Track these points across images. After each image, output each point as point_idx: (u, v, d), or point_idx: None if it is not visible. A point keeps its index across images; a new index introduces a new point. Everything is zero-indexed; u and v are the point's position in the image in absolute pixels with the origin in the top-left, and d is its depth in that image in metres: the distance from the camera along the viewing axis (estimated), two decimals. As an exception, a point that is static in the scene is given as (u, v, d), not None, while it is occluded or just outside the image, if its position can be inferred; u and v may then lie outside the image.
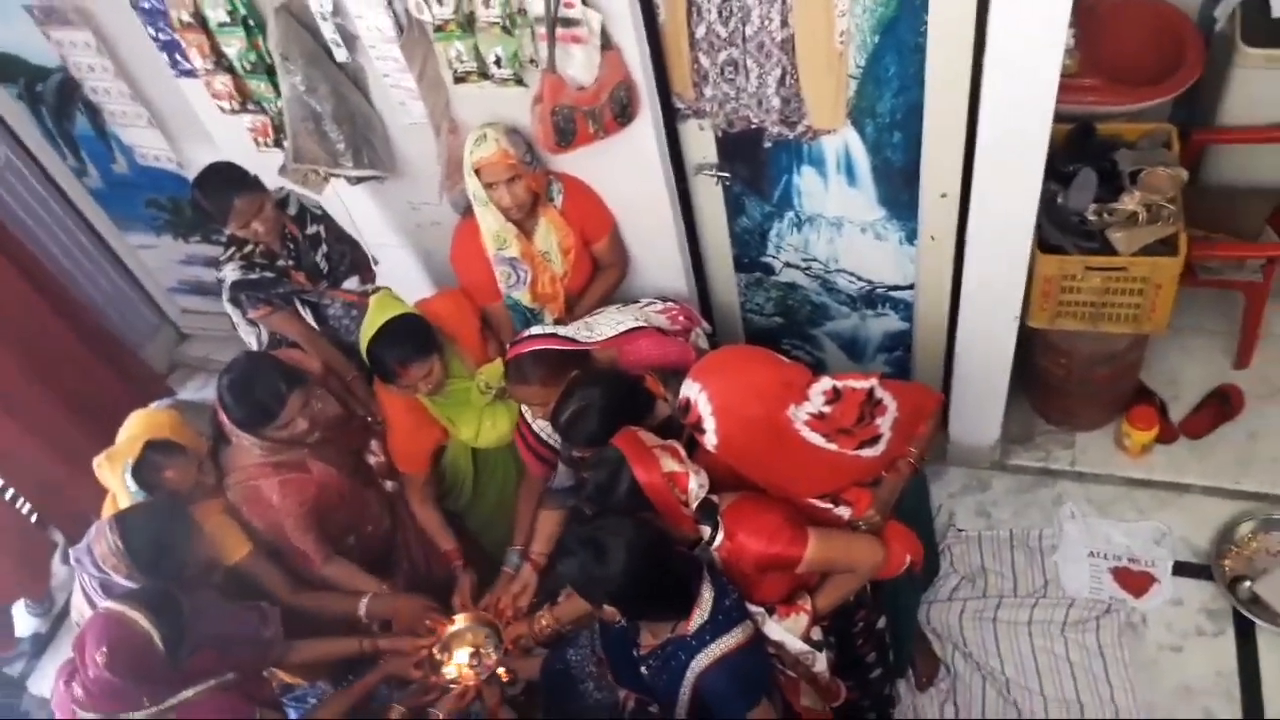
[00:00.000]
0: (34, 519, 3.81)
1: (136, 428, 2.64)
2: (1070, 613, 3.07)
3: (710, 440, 2.18)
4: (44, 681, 3.55)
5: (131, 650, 2.11)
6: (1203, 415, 3.32)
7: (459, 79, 2.56)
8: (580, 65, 2.42)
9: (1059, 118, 2.35)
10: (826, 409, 2.21)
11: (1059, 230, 2.79)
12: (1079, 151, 2.85)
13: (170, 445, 2.54)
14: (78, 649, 2.17)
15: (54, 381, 3.61)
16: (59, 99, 3.66)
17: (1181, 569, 3.08)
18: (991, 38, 2.20)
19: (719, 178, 2.87)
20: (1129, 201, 2.74)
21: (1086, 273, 2.78)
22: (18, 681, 3.35)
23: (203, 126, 3.13)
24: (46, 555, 3.84)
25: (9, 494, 3.71)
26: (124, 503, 2.50)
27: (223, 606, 2.48)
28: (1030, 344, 3.13)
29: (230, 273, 2.84)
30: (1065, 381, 3.22)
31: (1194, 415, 3.33)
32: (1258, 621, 2.91)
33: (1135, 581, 3.08)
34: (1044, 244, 2.78)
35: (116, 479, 2.51)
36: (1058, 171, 2.77)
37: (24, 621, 3.80)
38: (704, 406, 2.17)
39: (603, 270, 2.95)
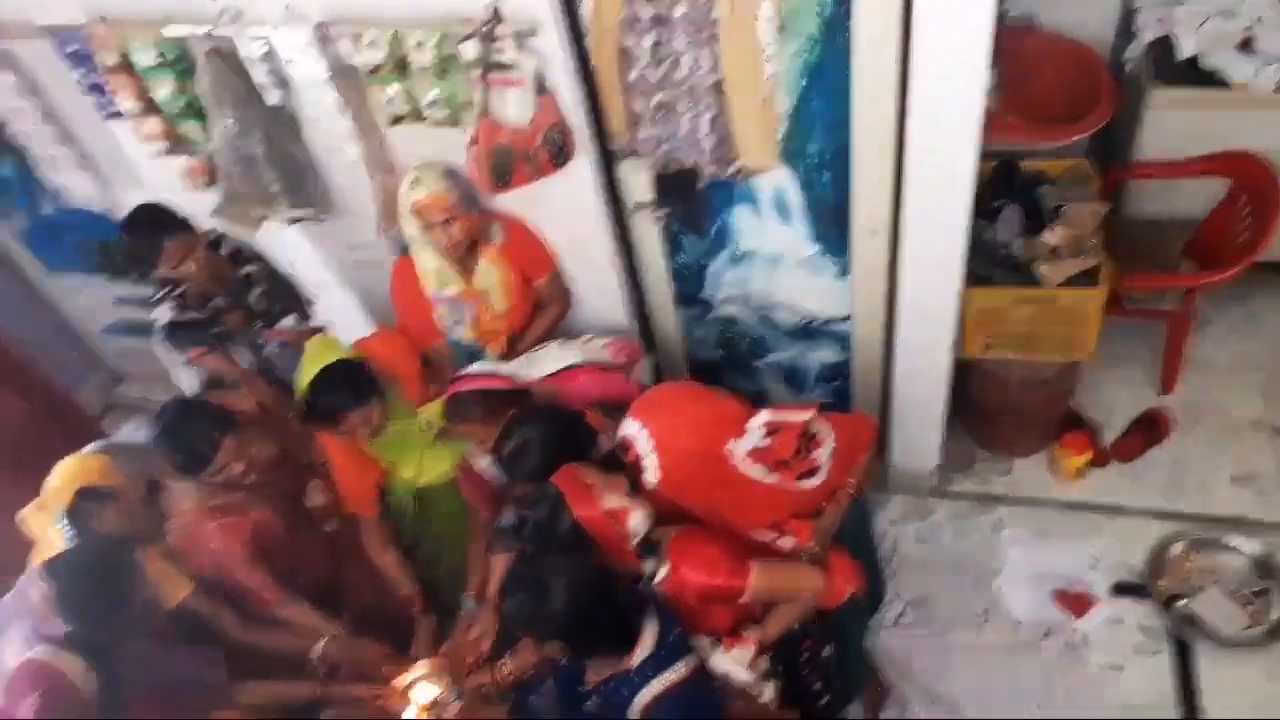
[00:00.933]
0: None
1: (66, 476, 2.58)
2: (1017, 634, 3.10)
3: (650, 477, 2.19)
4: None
5: (62, 698, 2.06)
6: (1132, 439, 3.40)
7: (394, 121, 2.56)
8: (515, 108, 2.44)
9: (984, 155, 2.42)
10: (765, 442, 2.24)
11: (987, 263, 2.86)
12: (1004, 188, 2.93)
13: (101, 492, 2.49)
14: (6, 697, 2.11)
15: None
16: (-20, 144, 3.58)
17: (1121, 589, 3.14)
18: (914, 80, 2.26)
19: (656, 216, 2.90)
20: (1052, 236, 2.82)
21: (1016, 304, 2.85)
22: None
23: (132, 167, 3.08)
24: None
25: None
26: (54, 552, 2.43)
27: (162, 652, 2.42)
28: (965, 373, 3.19)
29: (163, 314, 2.81)
30: (1000, 409, 3.29)
31: (1124, 439, 3.41)
32: (1190, 641, 2.98)
33: (1076, 602, 3.13)
34: (974, 276, 2.85)
35: (44, 530, 2.44)
36: (985, 208, 2.84)
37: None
38: (643, 444, 2.19)
39: (544, 307, 2.96)
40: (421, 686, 2.59)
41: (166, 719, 2.24)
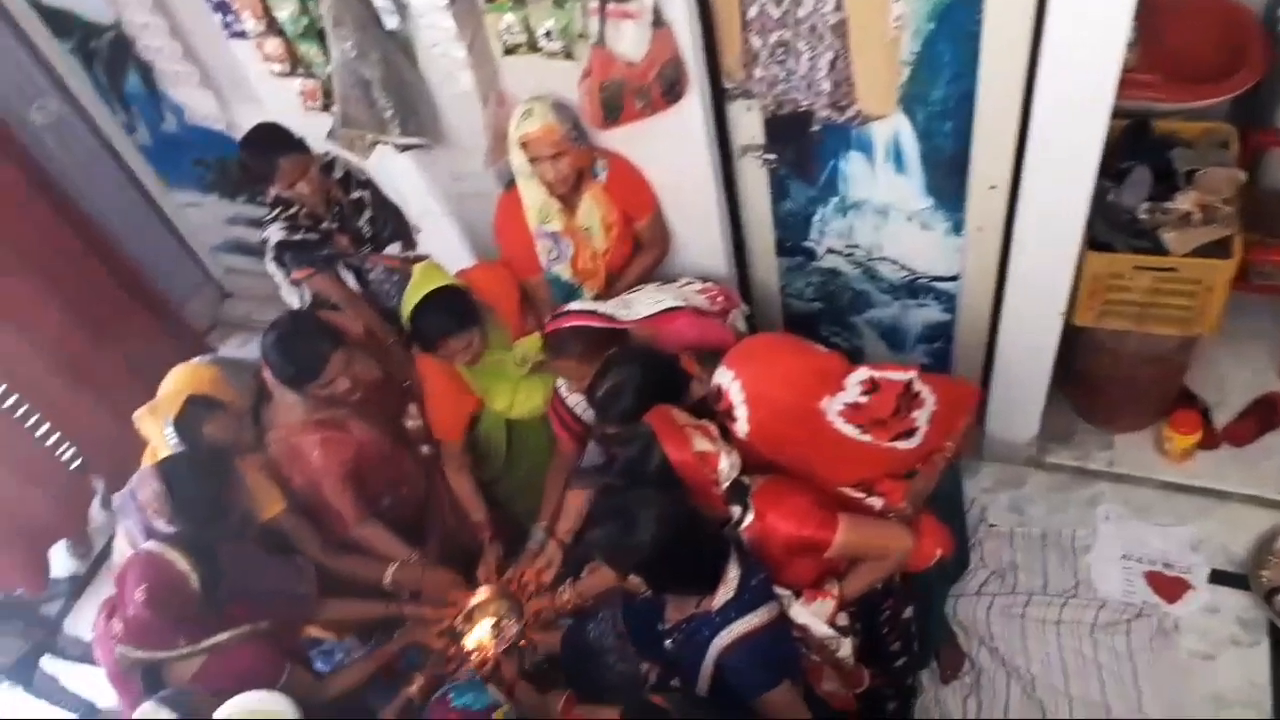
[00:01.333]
0: (76, 465, 3.89)
1: (178, 382, 2.68)
2: (1101, 614, 3.03)
3: (742, 428, 2.18)
4: (80, 622, 3.64)
5: (169, 589, 2.17)
6: (1247, 423, 3.25)
7: (508, 51, 2.56)
8: (630, 41, 2.41)
9: (1115, 113, 2.30)
10: (863, 399, 2.20)
11: (1110, 227, 2.74)
12: (1134, 148, 2.79)
13: (211, 400, 2.58)
14: (119, 585, 2.24)
15: (101, 335, 3.70)
16: (113, 56, 3.70)
17: (1218, 577, 3.03)
18: (1050, 27, 2.15)
19: (765, 160, 2.84)
20: (1183, 201, 2.68)
21: (1136, 272, 2.72)
22: (55, 620, 3.44)
23: (252, 88, 3.15)
24: (86, 500, 3.93)
25: (53, 439, 3.79)
26: (163, 454, 2.55)
27: (261, 558, 2.53)
28: (1074, 341, 3.07)
29: (275, 233, 2.87)
30: (1108, 381, 3.17)
31: (1238, 422, 3.27)
32: (1293, 634, 2.87)
33: (1169, 587, 3.04)
34: (1094, 241, 2.73)
35: (157, 431, 2.55)
36: (1112, 168, 2.71)
37: (62, 563, 3.90)
38: (736, 394, 2.17)
39: (644, 248, 2.95)
40: (483, 610, 2.67)
41: (256, 622, 2.33)
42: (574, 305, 2.61)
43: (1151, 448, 3.30)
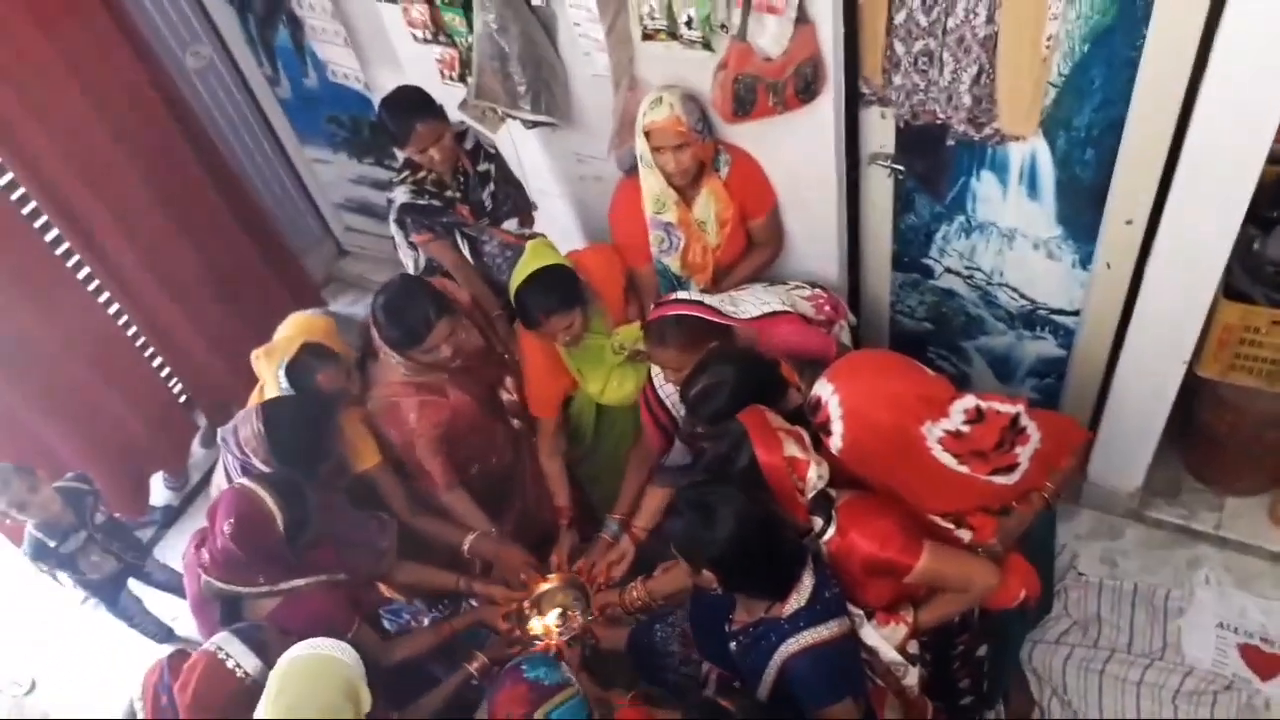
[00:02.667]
0: (182, 400, 4.06)
1: (295, 328, 2.78)
2: (1186, 681, 2.90)
3: (836, 443, 2.15)
4: (169, 551, 3.80)
5: (256, 526, 2.24)
6: (1372, 501, 3.07)
7: (647, 36, 2.57)
8: (771, 36, 2.39)
9: (1271, 158, 2.19)
10: (966, 428, 2.13)
11: (1250, 278, 2.61)
12: (1287, 197, 2.65)
13: (324, 350, 2.65)
14: (210, 517, 2.33)
15: (219, 275, 3.84)
16: (267, 8, 3.84)
17: (1320, 659, 2.87)
18: (1215, 60, 2.07)
19: (893, 170, 2.80)
20: (1335, 259, 2.54)
21: (1273, 327, 2.59)
22: (146, 546, 3.60)
23: (393, 52, 3.24)
24: (189, 434, 4.10)
25: (165, 372, 3.95)
26: (272, 396, 2.63)
27: (347, 509, 2.61)
28: (1193, 394, 2.95)
29: (401, 195, 2.93)
30: (1227, 440, 3.03)
31: (1361, 500, 3.09)
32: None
33: (1265, 662, 2.89)
34: (1231, 289, 2.61)
35: (270, 373, 2.64)
36: (1260, 215, 2.58)
37: (159, 493, 4.07)
38: (834, 408, 2.14)
39: (756, 247, 2.93)
40: (551, 598, 2.68)
41: (334, 572, 2.39)
42: (681, 294, 2.62)
43: (1264, 515, 3.14)
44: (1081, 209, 2.62)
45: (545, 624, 2.67)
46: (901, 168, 2.78)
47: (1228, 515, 3.18)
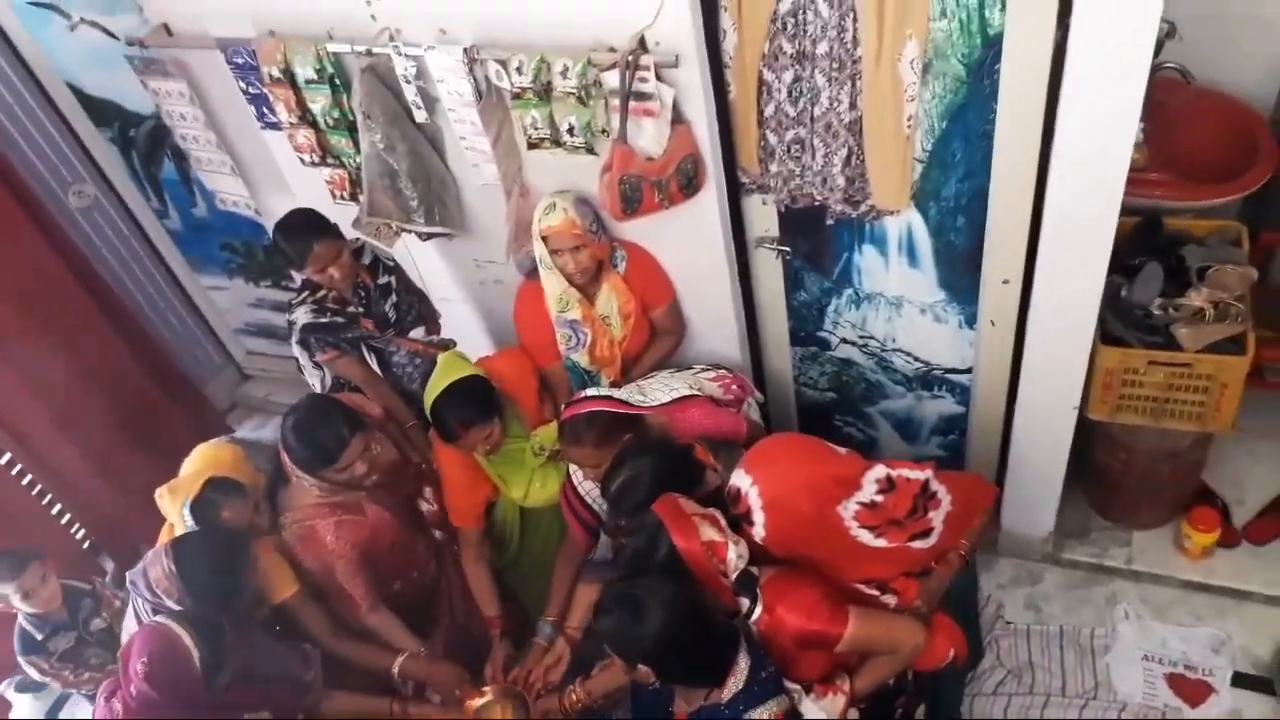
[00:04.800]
0: (86, 545, 3.88)
1: (200, 462, 2.71)
2: (1122, 715, 2.95)
3: (758, 533, 2.17)
4: (80, 707, 3.58)
5: (170, 664, 2.15)
6: (1267, 521, 3.21)
7: (532, 145, 2.63)
8: (650, 137, 2.48)
9: (1126, 210, 2.34)
10: (879, 498, 2.18)
11: (1122, 323, 2.76)
12: (1145, 245, 2.83)
13: (230, 484, 2.59)
14: (123, 659, 2.22)
15: (120, 413, 3.72)
16: (149, 144, 3.83)
17: (1241, 680, 2.96)
18: (1060, 128, 2.21)
19: (779, 252, 2.90)
20: (1196, 298, 2.70)
21: (1150, 367, 2.73)
22: (56, 703, 3.41)
23: (282, 176, 3.25)
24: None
25: (64, 519, 3.79)
26: (180, 534, 2.55)
27: (267, 643, 2.51)
28: (1089, 436, 3.07)
29: (302, 315, 2.91)
30: (1124, 477, 3.15)
31: (1258, 521, 3.23)
32: (1322, 742, 2.78)
33: (1191, 690, 2.96)
34: (1107, 336, 2.75)
35: (176, 511, 2.57)
36: (1123, 264, 2.75)
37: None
38: (754, 500, 2.16)
39: (660, 336, 2.98)
40: (489, 711, 2.62)
41: (258, 707, 2.30)
42: (590, 391, 2.63)
43: (1170, 545, 3.25)
44: (960, 273, 2.73)
45: None
46: (787, 249, 2.87)
47: (1136, 549, 3.28)
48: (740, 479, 2.20)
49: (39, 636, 2.98)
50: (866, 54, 2.29)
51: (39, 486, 3.67)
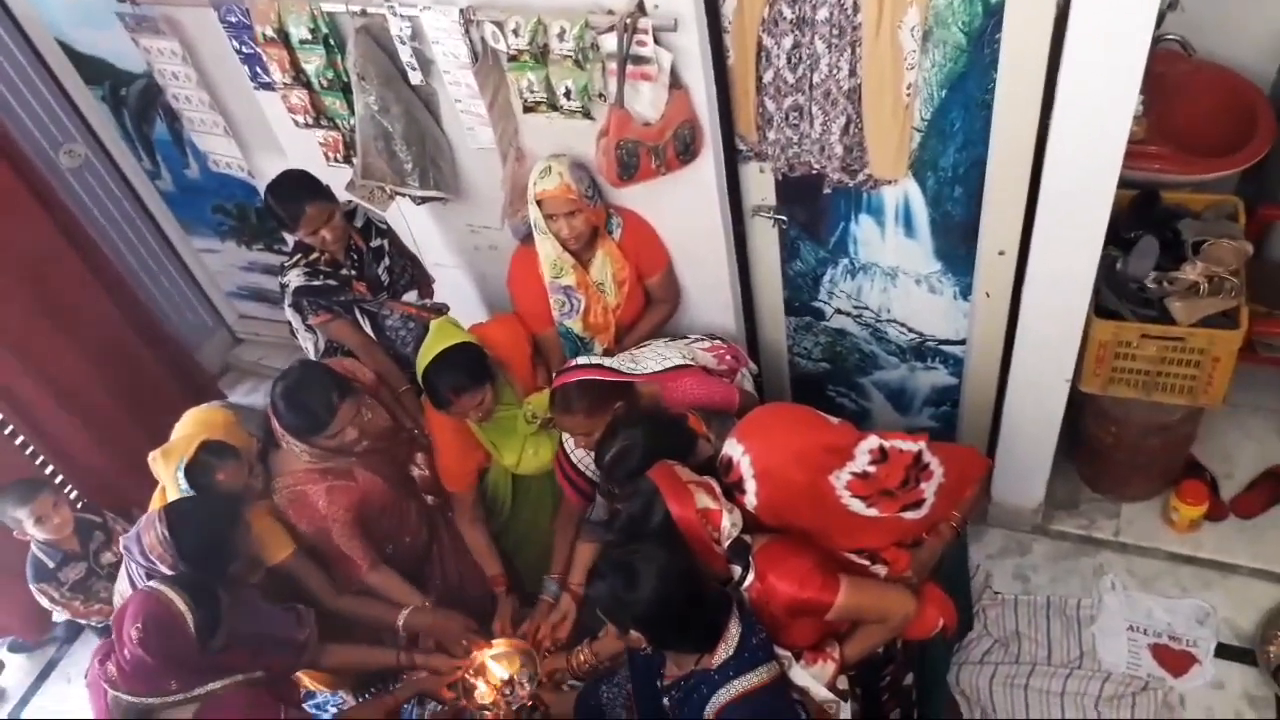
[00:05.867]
0: (79, 507, 3.88)
1: (192, 426, 2.69)
2: (1106, 686, 2.99)
3: (750, 501, 2.17)
4: (73, 668, 3.61)
5: (165, 629, 2.15)
6: (1255, 495, 3.24)
7: (528, 108, 2.61)
8: (647, 102, 2.46)
9: (1123, 184, 2.34)
10: (871, 469, 2.18)
11: (1117, 296, 2.76)
12: (1142, 218, 2.83)
13: (223, 447, 2.59)
14: (116, 625, 2.22)
15: (111, 376, 3.71)
16: (141, 104, 3.79)
17: (1224, 651, 3.00)
18: (1060, 98, 2.20)
19: (776, 220, 2.89)
20: (1190, 271, 2.70)
21: (1143, 340, 2.74)
22: (48, 666, 3.44)
23: (275, 138, 3.22)
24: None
25: (58, 480, 3.78)
26: (173, 498, 2.55)
27: (260, 605, 2.52)
28: (1080, 409, 3.09)
29: (294, 278, 2.89)
30: (1114, 449, 3.17)
31: (1246, 494, 3.25)
32: (1302, 712, 2.82)
33: (1175, 660, 3.00)
34: (1101, 309, 2.76)
35: (169, 475, 2.56)
36: (1119, 237, 2.75)
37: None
38: (746, 469, 2.16)
39: (654, 304, 2.98)
40: (496, 665, 2.64)
41: (252, 668, 2.31)
42: (581, 360, 2.62)
43: (1158, 518, 3.28)
44: (956, 244, 2.73)
45: (492, 693, 2.59)
46: (784, 218, 2.86)
47: (1125, 521, 3.31)
48: (732, 448, 2.20)
49: (50, 564, 3.04)
50: (867, 20, 2.28)
51: (30, 448, 3.66)
